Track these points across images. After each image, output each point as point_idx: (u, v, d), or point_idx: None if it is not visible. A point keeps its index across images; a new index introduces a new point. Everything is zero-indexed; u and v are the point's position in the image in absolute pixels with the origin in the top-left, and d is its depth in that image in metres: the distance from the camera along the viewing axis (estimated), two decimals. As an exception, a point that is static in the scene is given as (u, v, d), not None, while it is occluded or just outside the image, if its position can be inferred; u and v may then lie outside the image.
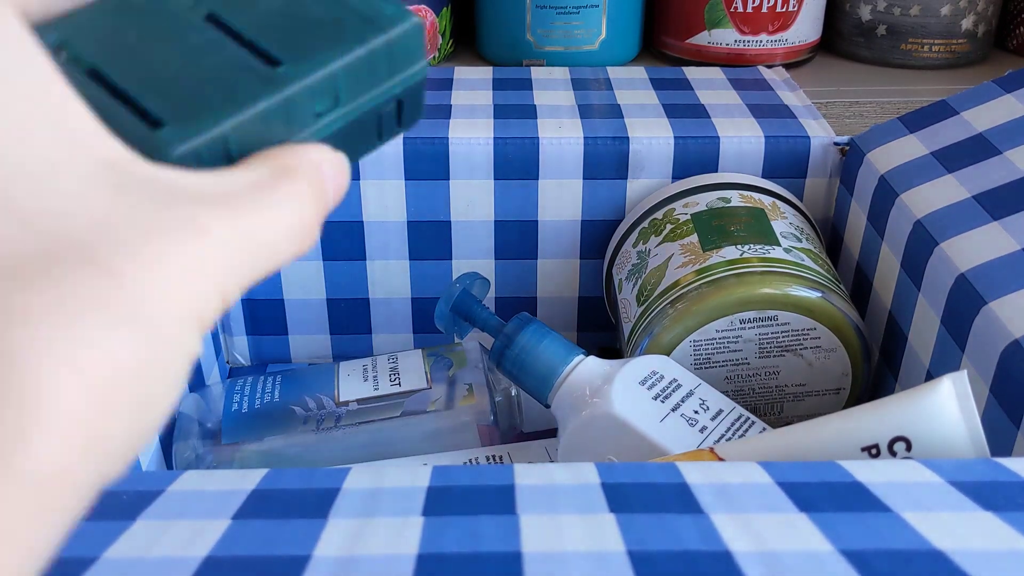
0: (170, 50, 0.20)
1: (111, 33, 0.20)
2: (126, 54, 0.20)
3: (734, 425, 0.38)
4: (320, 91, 0.21)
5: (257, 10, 0.22)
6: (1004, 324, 0.33)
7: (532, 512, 0.23)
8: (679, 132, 0.49)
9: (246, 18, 0.21)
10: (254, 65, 0.20)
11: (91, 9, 0.21)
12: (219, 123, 0.19)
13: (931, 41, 0.67)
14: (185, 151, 0.19)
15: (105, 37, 0.20)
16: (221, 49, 0.21)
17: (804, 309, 0.41)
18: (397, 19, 0.22)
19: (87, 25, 0.20)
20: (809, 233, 0.46)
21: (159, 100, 0.19)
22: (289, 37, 0.21)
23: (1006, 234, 0.36)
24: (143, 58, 0.20)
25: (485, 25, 0.68)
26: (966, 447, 0.30)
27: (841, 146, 0.50)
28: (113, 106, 0.19)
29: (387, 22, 0.22)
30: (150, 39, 0.20)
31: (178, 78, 0.20)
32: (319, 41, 0.21)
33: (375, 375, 0.47)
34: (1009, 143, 0.40)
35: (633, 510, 0.23)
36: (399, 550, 0.21)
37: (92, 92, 0.19)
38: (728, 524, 0.22)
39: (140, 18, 0.21)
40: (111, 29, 0.20)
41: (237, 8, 0.22)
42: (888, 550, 0.21)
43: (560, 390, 0.40)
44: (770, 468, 0.25)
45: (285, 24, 0.21)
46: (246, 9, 0.22)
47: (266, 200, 0.18)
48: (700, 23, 0.66)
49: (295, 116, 0.21)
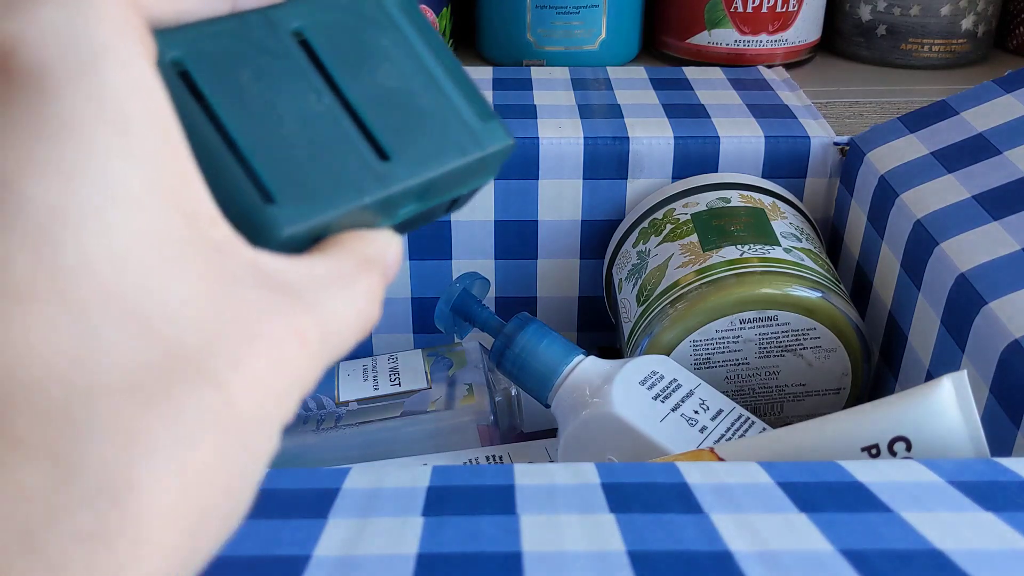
0: (286, 107, 0.20)
1: (229, 66, 0.20)
2: (242, 100, 0.20)
3: (734, 425, 0.38)
4: (415, 193, 0.22)
5: (370, 80, 0.22)
6: (1004, 324, 0.33)
7: (532, 512, 0.23)
8: (679, 132, 0.49)
9: (360, 89, 0.21)
10: (366, 156, 0.21)
11: (210, 28, 0.20)
12: (328, 211, 0.20)
13: (931, 41, 0.67)
14: (291, 234, 0.19)
15: (223, 70, 0.20)
16: (336, 124, 0.21)
17: (804, 309, 0.41)
18: (497, 139, 0.23)
19: (207, 48, 0.20)
20: (809, 233, 0.46)
21: (273, 170, 0.19)
22: (399, 129, 0.22)
23: (1006, 234, 0.36)
24: (259, 112, 0.20)
25: (485, 25, 0.68)
26: (966, 447, 0.30)
27: (841, 146, 0.50)
28: (224, 155, 0.19)
29: (488, 139, 0.23)
30: (266, 87, 0.20)
31: (293, 149, 0.20)
32: (426, 144, 0.22)
33: (375, 375, 0.47)
34: (1009, 143, 0.40)
35: (633, 510, 0.23)
36: (399, 550, 0.21)
37: (205, 132, 0.19)
38: (728, 524, 0.22)
39: (257, 56, 0.21)
40: (229, 60, 0.20)
41: (351, 71, 0.22)
42: (888, 550, 0.21)
43: (560, 390, 0.40)
44: (770, 468, 0.25)
45: (396, 110, 0.22)
46: (360, 75, 0.22)
47: (349, 294, 0.19)
48: (700, 23, 0.66)
49: (387, 211, 0.21)
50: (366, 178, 0.20)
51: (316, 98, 0.21)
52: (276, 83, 0.20)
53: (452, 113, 0.23)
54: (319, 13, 0.22)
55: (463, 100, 0.23)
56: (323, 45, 0.22)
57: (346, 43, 0.22)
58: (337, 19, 0.22)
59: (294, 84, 0.21)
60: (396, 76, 0.22)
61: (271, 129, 0.20)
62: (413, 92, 0.22)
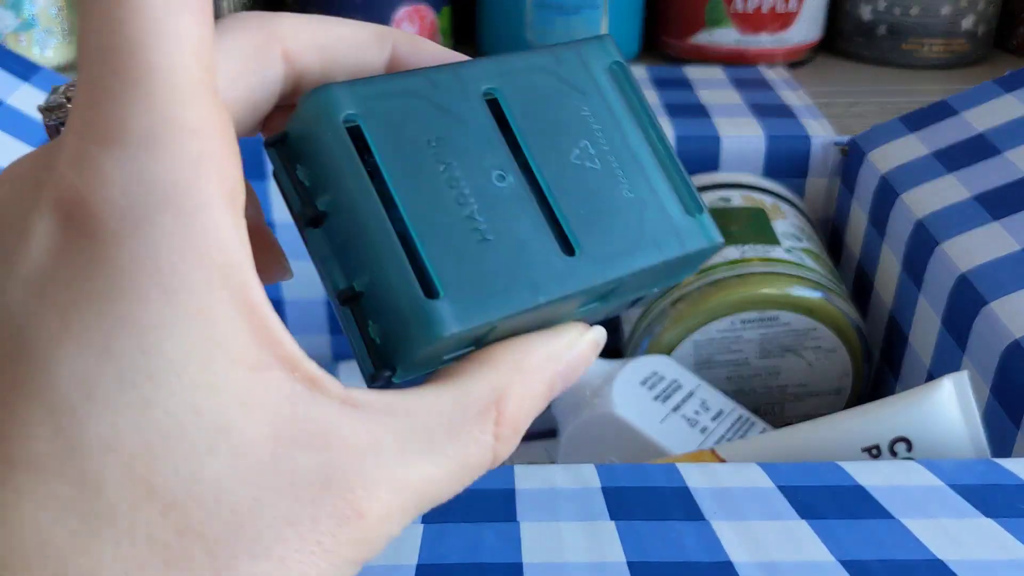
0: (465, 182, 0.18)
1: (407, 128, 0.18)
2: (416, 169, 0.17)
3: (735, 425, 0.38)
4: (598, 292, 0.19)
5: (563, 157, 0.19)
6: (1005, 324, 0.33)
7: (533, 519, 0.23)
8: (680, 132, 0.49)
9: (552, 167, 0.19)
10: (549, 250, 0.18)
11: (392, 84, 0.18)
12: (496, 313, 0.17)
13: (931, 41, 0.67)
14: (452, 335, 0.16)
15: (400, 132, 0.18)
16: (519, 207, 0.18)
17: (805, 309, 0.41)
18: (703, 237, 0.20)
19: (385, 106, 0.18)
20: (810, 233, 0.46)
21: (442, 258, 0.17)
22: (591, 219, 0.19)
23: (1006, 234, 0.36)
24: (433, 185, 0.17)
25: (485, 25, 0.68)
26: (966, 447, 0.30)
27: (842, 146, 0.50)
28: (387, 233, 0.17)
29: (691, 237, 0.20)
30: (445, 155, 0.18)
31: (467, 234, 0.17)
32: (619, 239, 0.19)
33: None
34: (1009, 143, 0.40)
35: (634, 516, 0.23)
36: (400, 560, 0.21)
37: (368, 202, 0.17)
38: (729, 532, 0.22)
39: (440, 119, 0.18)
40: (409, 120, 0.18)
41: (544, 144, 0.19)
42: (889, 560, 0.21)
43: (561, 390, 0.40)
44: (771, 471, 0.25)
45: (590, 196, 0.19)
46: (553, 151, 0.19)
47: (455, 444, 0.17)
48: (700, 22, 0.66)
49: (562, 311, 0.19)
50: (545, 275, 0.18)
51: (500, 174, 0.18)
52: (457, 152, 0.18)
53: (654, 203, 0.19)
54: (516, 74, 0.19)
55: (668, 188, 0.20)
56: (516, 111, 0.19)
57: (542, 111, 0.19)
58: (535, 82, 0.20)
59: (477, 155, 0.18)
60: (594, 154, 0.19)
61: (444, 207, 0.17)
62: (612, 175, 0.19)
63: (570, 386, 0.19)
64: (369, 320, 0.17)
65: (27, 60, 0.44)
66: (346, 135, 0.17)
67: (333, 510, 0.15)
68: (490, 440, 0.17)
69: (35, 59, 0.59)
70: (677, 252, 0.19)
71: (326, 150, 0.17)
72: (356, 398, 0.16)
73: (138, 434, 0.14)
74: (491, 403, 0.17)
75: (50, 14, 0.60)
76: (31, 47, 0.59)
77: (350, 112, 0.17)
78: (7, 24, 0.59)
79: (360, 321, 0.17)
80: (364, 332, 0.17)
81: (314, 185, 0.18)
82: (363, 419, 0.16)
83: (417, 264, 0.17)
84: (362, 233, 0.17)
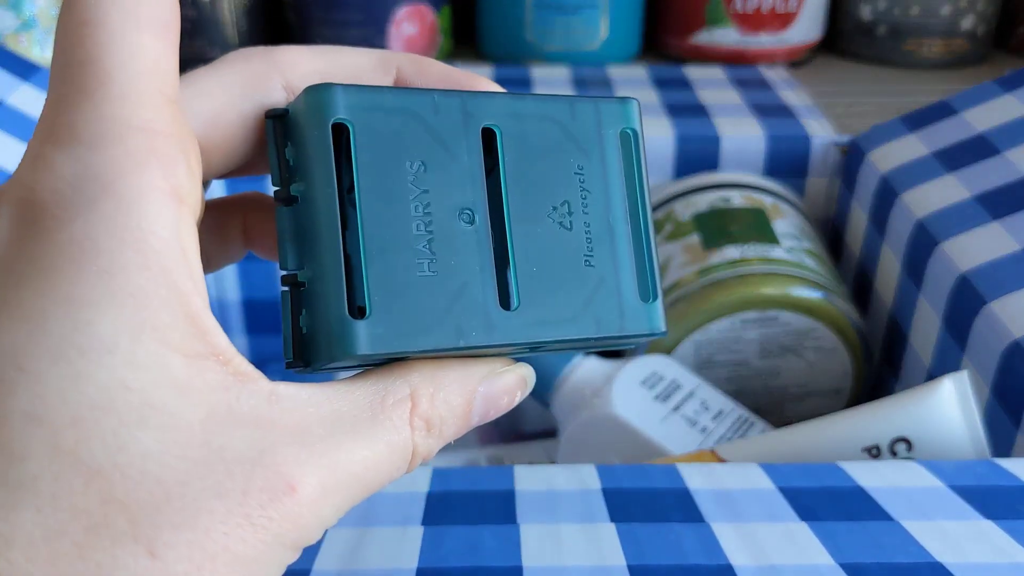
0: (434, 214, 0.18)
1: (396, 145, 0.18)
2: (390, 188, 0.18)
3: (735, 425, 0.38)
4: (519, 348, 0.19)
5: (539, 212, 0.19)
6: (1005, 324, 0.33)
7: (532, 521, 0.23)
8: (680, 131, 0.49)
9: (524, 220, 0.19)
10: (487, 300, 0.18)
11: (396, 98, 0.18)
12: (414, 346, 0.17)
13: (931, 41, 0.67)
14: (365, 355, 0.17)
15: (388, 147, 0.18)
16: (473, 253, 0.18)
17: (805, 309, 0.41)
18: (645, 325, 0.20)
19: (382, 119, 0.18)
20: (810, 233, 0.46)
21: (380, 281, 0.17)
22: (541, 281, 0.19)
23: (1006, 234, 0.36)
24: (401, 209, 0.18)
25: (485, 25, 0.68)
26: (967, 447, 0.30)
27: (842, 146, 0.50)
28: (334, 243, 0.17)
29: (634, 323, 0.20)
30: (424, 184, 0.18)
31: (414, 263, 0.18)
32: (561, 308, 0.19)
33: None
34: (1009, 143, 0.40)
35: (634, 519, 0.23)
36: (399, 563, 0.21)
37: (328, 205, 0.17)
38: (729, 535, 0.22)
39: (431, 145, 0.18)
40: (401, 138, 0.18)
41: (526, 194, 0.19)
42: (889, 564, 0.21)
43: (560, 390, 0.40)
44: (771, 472, 0.25)
45: (550, 259, 0.19)
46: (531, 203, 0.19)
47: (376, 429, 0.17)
48: (701, 22, 0.66)
49: (488, 353, 0.19)
50: (474, 323, 0.18)
51: (469, 214, 0.18)
52: (435, 181, 0.18)
53: (611, 280, 0.19)
54: (524, 117, 0.19)
55: (630, 267, 0.20)
56: (510, 152, 0.19)
57: (536, 160, 0.19)
58: (540, 129, 0.19)
59: (453, 189, 0.18)
60: (570, 216, 0.19)
61: (402, 230, 0.18)
62: (580, 242, 0.19)
63: (500, 414, 0.20)
64: (303, 309, 0.18)
65: (27, 60, 0.43)
66: (329, 136, 0.18)
67: (264, 484, 0.15)
68: (407, 429, 0.18)
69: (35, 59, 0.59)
70: (614, 333, 0.19)
71: (309, 143, 0.18)
72: (281, 391, 0.16)
73: (65, 406, 0.14)
74: (406, 396, 0.18)
75: (50, 14, 0.60)
76: (31, 47, 0.59)
77: (342, 116, 0.18)
78: (7, 24, 0.59)
79: (295, 308, 0.18)
80: (295, 319, 0.18)
81: (295, 168, 0.18)
82: (289, 408, 0.16)
83: (355, 278, 0.17)
84: (315, 232, 0.18)
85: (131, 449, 0.14)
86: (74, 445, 0.14)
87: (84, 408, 0.14)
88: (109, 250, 0.15)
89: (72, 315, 0.15)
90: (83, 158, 0.15)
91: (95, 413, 0.14)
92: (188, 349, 0.15)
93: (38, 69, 0.43)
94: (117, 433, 0.14)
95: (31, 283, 0.15)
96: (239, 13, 0.61)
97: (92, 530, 0.14)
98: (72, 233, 0.15)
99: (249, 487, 0.15)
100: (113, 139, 0.15)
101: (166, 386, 0.15)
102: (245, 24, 0.62)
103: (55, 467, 0.14)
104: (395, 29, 0.63)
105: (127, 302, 0.15)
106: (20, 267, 0.15)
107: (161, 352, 0.15)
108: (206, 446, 0.15)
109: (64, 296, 0.15)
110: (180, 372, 0.15)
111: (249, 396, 0.16)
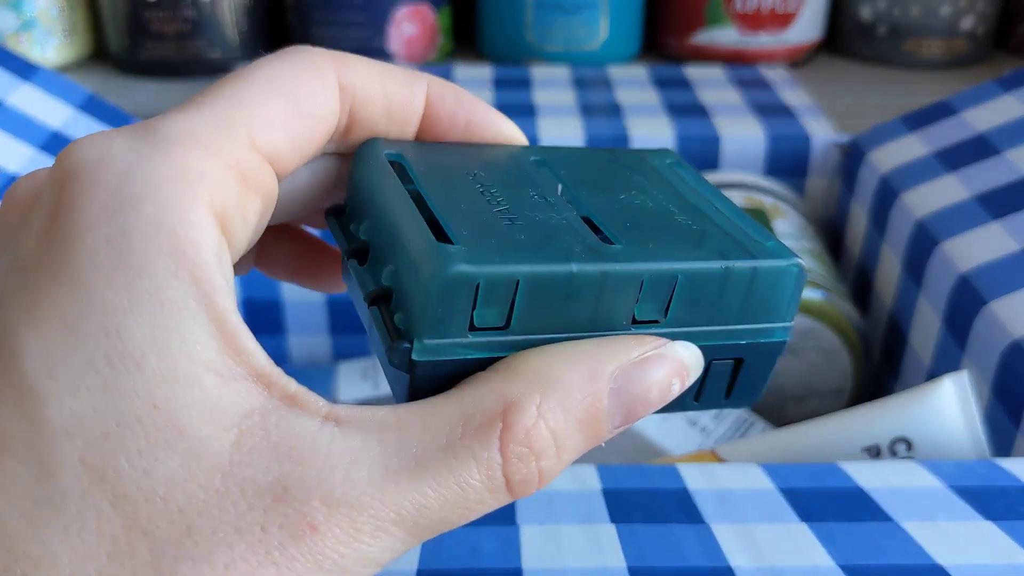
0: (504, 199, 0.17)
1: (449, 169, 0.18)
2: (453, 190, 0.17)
3: (734, 425, 0.38)
4: (647, 290, 0.16)
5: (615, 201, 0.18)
6: (1005, 324, 0.33)
7: (532, 523, 0.23)
8: (680, 131, 0.49)
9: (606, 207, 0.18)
10: (585, 236, 0.16)
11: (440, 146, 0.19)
12: (514, 265, 0.15)
13: (931, 41, 0.67)
14: (465, 275, 0.15)
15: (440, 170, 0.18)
16: (549, 213, 0.17)
17: (806, 310, 0.41)
18: (774, 254, 0.17)
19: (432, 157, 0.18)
20: (810, 233, 0.46)
21: (462, 224, 0.16)
22: (640, 231, 0.17)
23: (1006, 234, 0.36)
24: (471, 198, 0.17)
25: (485, 25, 0.68)
26: (967, 447, 0.30)
27: (842, 146, 0.50)
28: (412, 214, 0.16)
29: (760, 251, 0.17)
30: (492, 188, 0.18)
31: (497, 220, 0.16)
32: (670, 239, 0.17)
33: (375, 375, 0.47)
34: (1009, 143, 0.40)
35: (634, 520, 0.23)
36: (399, 566, 0.21)
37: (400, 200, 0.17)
38: (729, 536, 0.22)
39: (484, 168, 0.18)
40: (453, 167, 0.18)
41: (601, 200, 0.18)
42: (889, 565, 0.21)
43: (561, 390, 0.40)
44: (771, 472, 0.25)
45: (643, 219, 0.18)
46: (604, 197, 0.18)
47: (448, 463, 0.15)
48: (700, 22, 0.66)
49: (607, 306, 0.16)
50: (577, 252, 0.16)
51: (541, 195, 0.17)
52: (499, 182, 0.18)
53: (713, 230, 0.18)
54: (570, 156, 0.19)
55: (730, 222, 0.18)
56: (563, 172, 0.19)
57: (591, 173, 0.19)
58: (589, 160, 0.19)
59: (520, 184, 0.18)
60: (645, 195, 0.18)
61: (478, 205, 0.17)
62: (665, 208, 0.18)
63: (650, 412, 0.16)
64: (395, 312, 0.16)
65: (27, 60, 0.43)
66: (386, 161, 0.18)
67: (284, 521, 0.14)
68: (496, 458, 0.15)
69: (35, 59, 0.59)
70: (745, 263, 0.17)
71: (368, 177, 0.18)
72: (341, 414, 0.15)
73: (96, 419, 0.14)
74: (497, 415, 0.15)
75: (51, 14, 0.60)
76: (31, 47, 0.59)
77: (393, 151, 0.18)
78: (7, 24, 0.59)
79: (386, 315, 0.16)
80: (390, 324, 0.16)
81: (358, 221, 0.18)
82: (345, 434, 0.15)
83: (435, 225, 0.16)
84: (390, 225, 0.17)
85: (156, 473, 0.14)
86: (101, 463, 0.14)
87: (112, 423, 0.14)
88: (140, 253, 0.14)
89: (102, 319, 0.14)
90: (119, 150, 0.15)
91: (122, 431, 0.14)
92: (222, 368, 0.15)
93: (38, 69, 0.43)
94: (143, 453, 0.14)
95: (64, 285, 0.14)
96: (239, 14, 0.61)
97: (115, 558, 0.14)
98: (106, 233, 0.14)
99: (268, 523, 0.14)
100: (164, 151, 0.15)
101: (195, 407, 0.14)
102: (245, 25, 0.62)
103: (83, 484, 0.14)
104: (395, 29, 0.63)
105: (156, 311, 0.14)
106: (56, 267, 0.14)
107: (191, 370, 0.14)
108: (231, 477, 0.14)
109: (97, 300, 0.14)
110: (212, 392, 0.14)
111: (291, 422, 0.15)
